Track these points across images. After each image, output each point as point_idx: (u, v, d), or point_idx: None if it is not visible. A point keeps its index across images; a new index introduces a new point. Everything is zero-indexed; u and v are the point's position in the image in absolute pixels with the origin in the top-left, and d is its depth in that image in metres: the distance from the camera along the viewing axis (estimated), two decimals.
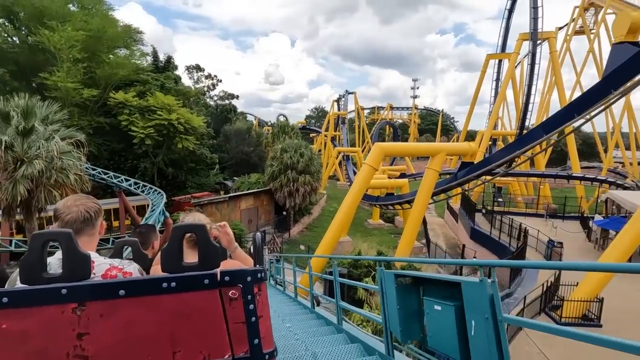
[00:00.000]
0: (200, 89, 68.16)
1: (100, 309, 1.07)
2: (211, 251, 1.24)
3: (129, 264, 1.55)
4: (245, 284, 1.18)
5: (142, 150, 25.59)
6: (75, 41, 22.88)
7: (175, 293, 1.12)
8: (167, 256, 1.23)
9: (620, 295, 13.34)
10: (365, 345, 3.64)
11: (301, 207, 26.63)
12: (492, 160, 16.38)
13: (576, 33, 49.41)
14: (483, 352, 1.94)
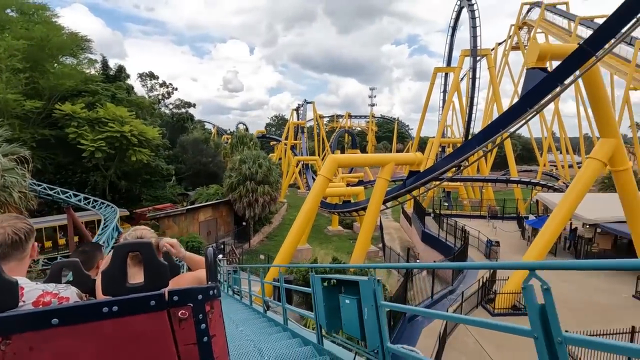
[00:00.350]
0: (154, 97, 65.97)
1: (29, 341, 0.97)
2: (158, 270, 1.18)
3: (65, 289, 1.41)
4: (195, 303, 1.13)
5: (92, 163, 24.62)
6: (16, 50, 21.73)
7: (118, 318, 1.04)
8: (108, 278, 1.16)
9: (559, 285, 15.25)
10: (303, 339, 4.26)
11: (261, 217, 26.93)
12: (435, 169, 17.92)
13: (513, 48, 54.74)
14: (371, 330, 2.71)
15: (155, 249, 1.24)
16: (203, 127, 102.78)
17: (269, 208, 26.61)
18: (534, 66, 12.84)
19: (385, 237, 32.86)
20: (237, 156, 26.79)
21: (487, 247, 20.28)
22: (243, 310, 7.76)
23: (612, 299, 15.21)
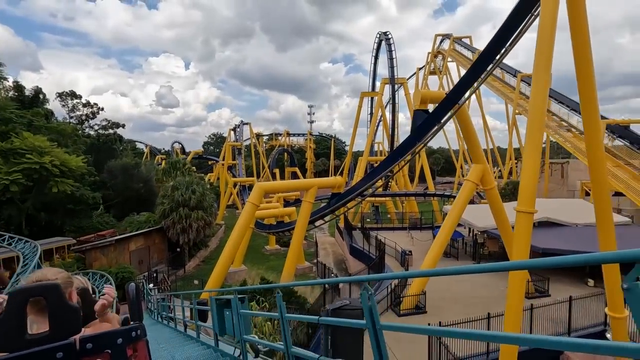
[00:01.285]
0: (77, 117, 61.80)
1: None
2: (67, 314, 1.02)
3: None
4: (115, 349, 1.01)
5: (6, 197, 23.18)
6: None
7: None
8: (3, 330, 0.97)
9: (442, 287, 18.22)
10: (208, 345, 5.72)
11: (196, 241, 27.31)
12: (352, 191, 20.39)
13: (431, 73, 61.96)
14: (230, 327, 4.41)
15: (63, 290, 1.08)
16: (134, 147, 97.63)
17: (204, 232, 27.11)
18: (418, 108, 15.85)
19: (321, 252, 34.88)
20: (170, 182, 27.02)
21: (402, 256, 23.20)
22: (169, 332, 8.88)
23: (493, 292, 18.63)
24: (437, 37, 62.26)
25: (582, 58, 10.01)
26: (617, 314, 11.71)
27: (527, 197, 9.71)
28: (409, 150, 16.21)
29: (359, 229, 30.54)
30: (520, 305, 9.94)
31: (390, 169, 17.37)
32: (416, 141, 16.01)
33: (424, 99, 15.65)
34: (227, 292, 8.61)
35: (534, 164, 9.54)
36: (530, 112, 9.89)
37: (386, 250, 25.87)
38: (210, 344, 5.91)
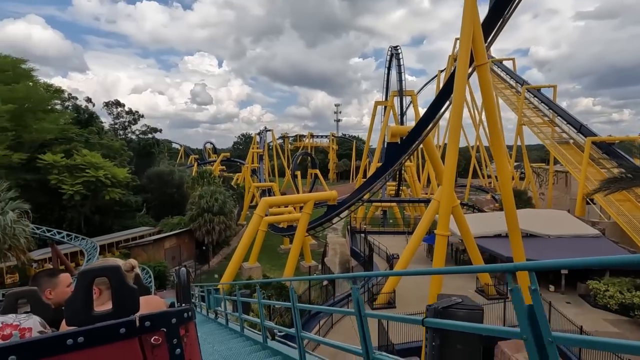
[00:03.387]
0: (120, 123, 69.39)
1: None
2: (127, 295, 1.14)
3: (26, 319, 1.36)
4: (169, 328, 1.10)
5: (70, 204, 29.05)
6: (5, 112, 26.12)
7: (85, 349, 0.98)
8: (72, 308, 1.09)
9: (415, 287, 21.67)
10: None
11: (219, 241, 32.21)
12: (344, 203, 24.19)
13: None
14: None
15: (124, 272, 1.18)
16: (170, 147, 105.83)
17: (225, 234, 31.92)
18: (390, 141, 19.43)
19: (330, 252, 38.80)
20: (197, 192, 32.04)
21: (390, 259, 26.69)
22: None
23: (461, 293, 21.81)
24: (457, 40, 63.79)
25: (491, 119, 13.25)
26: None
27: (443, 224, 13.17)
28: (384, 174, 19.80)
29: (359, 232, 34.14)
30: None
31: (369, 189, 21.02)
32: (389, 168, 19.57)
33: (394, 132, 19.18)
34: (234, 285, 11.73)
35: (447, 202, 12.95)
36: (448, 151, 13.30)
37: (379, 253, 29.48)
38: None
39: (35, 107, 30.29)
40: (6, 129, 26.60)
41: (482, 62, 13.03)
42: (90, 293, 1.12)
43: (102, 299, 1.36)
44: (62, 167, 28.33)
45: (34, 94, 30.24)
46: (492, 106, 13.20)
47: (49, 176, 28.12)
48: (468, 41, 12.55)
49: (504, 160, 13.71)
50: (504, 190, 13.71)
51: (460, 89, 12.62)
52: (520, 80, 47.90)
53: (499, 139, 13.51)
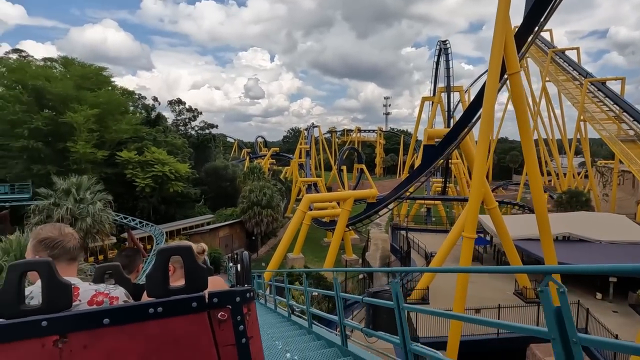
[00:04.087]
0: (182, 119, 75.74)
1: (83, 339, 1.05)
2: (198, 273, 1.23)
3: (114, 288, 1.54)
4: (234, 305, 1.19)
5: (142, 195, 33.34)
6: (92, 116, 30.69)
7: (163, 318, 1.11)
8: (152, 281, 1.22)
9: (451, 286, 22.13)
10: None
11: (266, 232, 34.87)
12: (383, 200, 25.20)
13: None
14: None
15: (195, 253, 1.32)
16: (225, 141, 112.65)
17: (272, 226, 34.47)
18: (426, 143, 20.08)
19: (371, 247, 39.92)
20: (248, 186, 34.86)
21: (428, 257, 27.16)
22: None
23: (498, 295, 21.81)
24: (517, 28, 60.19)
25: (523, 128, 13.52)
26: None
27: (470, 226, 13.81)
28: (418, 176, 20.54)
29: (400, 228, 34.77)
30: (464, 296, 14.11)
31: (406, 189, 21.84)
32: (424, 169, 20.26)
33: (430, 136, 19.80)
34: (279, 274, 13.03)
35: (474, 206, 13.55)
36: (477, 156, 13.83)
37: (419, 250, 29.98)
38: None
39: (114, 110, 34.94)
40: (92, 130, 31.24)
41: (514, 71, 13.36)
42: (167, 269, 1.23)
43: (175, 276, 1.54)
44: (135, 163, 32.59)
45: (113, 98, 34.88)
46: (524, 116, 13.48)
47: (125, 170, 32.52)
48: (500, 50, 12.96)
49: (536, 170, 13.92)
50: (536, 196, 13.96)
51: (490, 99, 13.10)
52: (583, 72, 44.40)
53: (531, 150, 13.75)
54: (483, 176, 13.53)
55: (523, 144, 13.72)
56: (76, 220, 20.62)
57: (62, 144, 30.14)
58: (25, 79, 30.15)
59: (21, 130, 28.17)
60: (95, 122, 31.47)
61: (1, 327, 1.04)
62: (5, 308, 1.09)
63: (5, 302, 1.09)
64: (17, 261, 1.17)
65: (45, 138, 29.91)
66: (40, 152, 29.42)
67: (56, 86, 29.87)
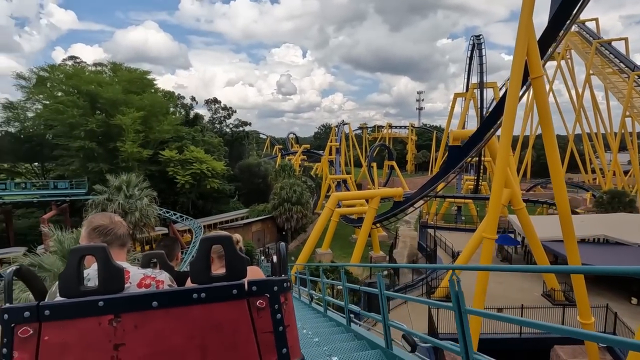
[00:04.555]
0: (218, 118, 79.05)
1: (134, 320, 1.13)
2: (238, 262, 1.29)
3: (160, 273, 1.63)
4: (272, 294, 1.23)
5: (182, 191, 35.85)
6: (138, 118, 33.40)
7: (205, 304, 1.17)
8: (196, 268, 1.27)
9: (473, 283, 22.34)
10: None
11: (296, 227, 36.31)
12: (409, 199, 25.68)
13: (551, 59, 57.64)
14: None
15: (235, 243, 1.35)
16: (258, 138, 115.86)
17: (302, 222, 35.86)
18: (452, 144, 20.37)
19: (399, 245, 40.25)
20: (279, 183, 36.42)
21: (455, 256, 27.26)
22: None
23: (526, 296, 21.68)
24: None
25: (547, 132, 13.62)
26: (586, 321, 14.87)
27: (490, 227, 14.17)
28: (444, 176, 20.89)
29: (429, 227, 34.88)
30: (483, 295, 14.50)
31: (432, 188, 22.24)
32: (450, 169, 20.58)
33: (455, 137, 20.09)
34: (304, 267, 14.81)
35: (495, 208, 13.88)
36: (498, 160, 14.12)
37: (446, 249, 30.06)
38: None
39: (157, 112, 37.68)
40: (138, 131, 34.00)
41: (537, 75, 13.52)
42: (209, 257, 1.30)
43: (215, 265, 1.62)
44: (176, 161, 35.11)
45: (157, 101, 37.61)
46: (548, 120, 13.59)
47: (167, 168, 35.13)
48: (522, 55, 13.17)
49: (560, 173, 14.00)
50: (559, 197, 14.07)
51: (512, 104, 13.35)
52: (630, 64, 41.78)
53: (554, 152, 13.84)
54: (503, 180, 13.83)
55: (546, 146, 13.86)
56: (126, 213, 22.89)
57: (113, 143, 33.11)
58: (80, 84, 33.35)
59: (78, 132, 31.29)
60: (141, 124, 34.20)
61: (64, 306, 1.14)
62: (67, 289, 1.18)
63: (67, 283, 1.18)
64: (77, 245, 1.27)
65: (98, 139, 32.99)
66: (94, 151, 32.50)
67: (107, 91, 32.77)
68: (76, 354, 1.09)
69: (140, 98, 35.75)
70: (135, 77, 38.69)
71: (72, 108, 31.01)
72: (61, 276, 1.19)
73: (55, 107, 30.38)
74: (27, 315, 1.10)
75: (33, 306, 1.11)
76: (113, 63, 40.69)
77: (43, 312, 1.10)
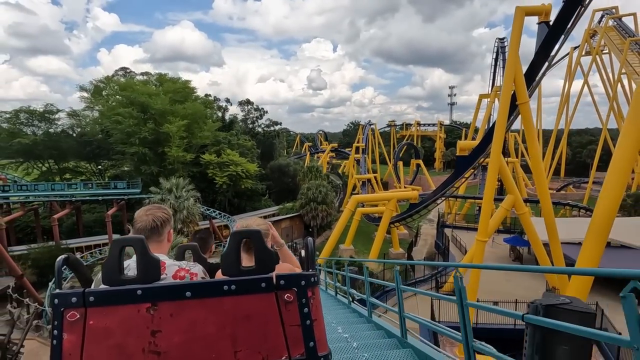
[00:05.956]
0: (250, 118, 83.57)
1: (170, 308, 1.20)
2: (267, 256, 1.33)
3: (194, 266, 1.69)
4: (299, 288, 1.28)
5: (220, 190, 40.08)
6: (183, 126, 37.82)
7: (235, 295, 1.23)
8: (227, 260, 1.33)
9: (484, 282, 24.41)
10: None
11: (322, 225, 39.59)
12: (424, 201, 28.02)
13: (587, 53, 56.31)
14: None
15: (264, 237, 1.38)
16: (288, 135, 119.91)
17: (327, 220, 39.07)
18: (459, 154, 22.58)
19: (420, 242, 42.35)
20: (306, 184, 39.76)
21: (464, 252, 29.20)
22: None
23: (528, 293, 23.35)
24: (596, 12, 56.12)
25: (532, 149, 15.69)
26: None
27: (482, 230, 16.46)
28: (453, 182, 23.13)
29: (446, 226, 36.84)
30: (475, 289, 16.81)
31: (443, 192, 24.53)
32: (458, 176, 22.80)
33: (462, 148, 22.28)
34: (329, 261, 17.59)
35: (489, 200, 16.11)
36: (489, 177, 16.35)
37: (460, 248, 32.01)
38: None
39: (199, 119, 42.06)
40: (183, 137, 38.48)
41: (523, 101, 15.66)
42: (239, 250, 1.35)
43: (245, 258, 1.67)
44: (214, 164, 39.32)
45: (198, 109, 41.98)
46: (534, 142, 15.70)
47: (207, 170, 39.45)
48: (510, 84, 15.40)
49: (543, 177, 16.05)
50: (542, 198, 16.13)
51: (501, 126, 15.59)
52: None
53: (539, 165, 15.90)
54: (492, 193, 16.08)
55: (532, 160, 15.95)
56: (175, 212, 26.99)
57: (161, 148, 37.79)
58: (133, 95, 38.19)
59: (134, 139, 36.13)
60: (185, 130, 38.64)
61: (107, 293, 1.23)
62: (109, 277, 1.27)
63: (109, 272, 1.27)
64: (118, 237, 1.35)
65: (149, 144, 37.77)
66: (146, 155, 37.29)
67: (156, 102, 37.39)
68: (117, 338, 1.18)
69: (184, 107, 40.19)
70: (179, 87, 43.31)
71: (128, 119, 35.81)
72: (104, 266, 1.29)
73: (116, 118, 35.27)
74: (75, 300, 1.19)
75: (79, 292, 1.20)
76: (159, 74, 45.63)
77: (88, 298, 1.19)
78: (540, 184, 15.91)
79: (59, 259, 1.33)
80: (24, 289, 22.62)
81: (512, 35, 15.00)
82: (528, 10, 15.15)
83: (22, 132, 38.23)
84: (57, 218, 29.22)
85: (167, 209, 1.79)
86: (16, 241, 31.49)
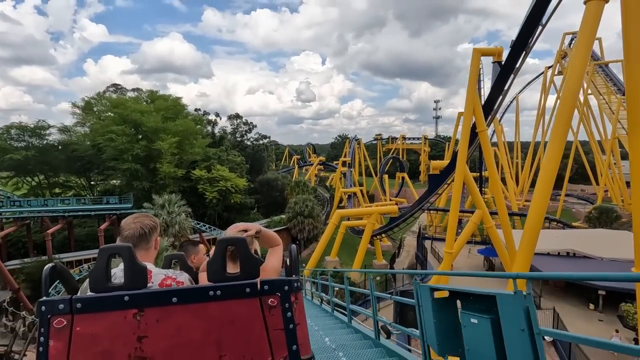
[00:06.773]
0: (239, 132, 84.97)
1: (156, 314, 1.22)
2: (251, 262, 1.37)
3: (180, 274, 1.73)
4: (283, 293, 1.31)
5: (210, 205, 41.41)
6: (174, 143, 39.24)
7: (221, 301, 1.26)
8: (212, 267, 1.37)
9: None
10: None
11: (308, 237, 41.22)
12: (403, 215, 30.02)
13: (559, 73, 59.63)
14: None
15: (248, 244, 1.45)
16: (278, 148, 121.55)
17: (313, 232, 40.78)
18: (431, 173, 24.72)
19: (403, 254, 44.22)
20: (294, 198, 41.49)
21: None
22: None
23: None
24: (566, 35, 59.51)
25: (492, 179, 17.87)
26: None
27: (448, 242, 18.42)
28: (427, 199, 25.19)
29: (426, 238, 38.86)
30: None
31: (419, 207, 26.56)
32: (431, 193, 24.87)
33: (434, 167, 24.43)
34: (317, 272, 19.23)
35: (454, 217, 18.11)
36: (454, 196, 18.40)
37: (438, 258, 33.98)
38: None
39: (190, 136, 43.54)
40: (174, 153, 39.88)
41: (482, 129, 17.88)
42: (225, 257, 1.40)
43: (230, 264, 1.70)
44: (205, 179, 40.74)
45: (189, 126, 43.50)
46: (492, 167, 17.91)
47: (197, 185, 40.83)
48: (470, 114, 17.61)
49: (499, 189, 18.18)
50: (499, 208, 18.23)
51: (463, 152, 17.75)
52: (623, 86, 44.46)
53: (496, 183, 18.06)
54: (457, 207, 18.11)
55: (490, 180, 18.08)
56: (168, 227, 28.31)
57: (153, 164, 39.04)
58: (126, 113, 39.46)
59: (126, 156, 37.36)
60: (176, 147, 40.06)
61: (94, 299, 1.24)
62: (96, 284, 1.29)
63: (96, 279, 1.29)
64: (105, 245, 1.36)
65: (141, 161, 39.01)
66: (139, 171, 38.49)
67: (149, 120, 38.81)
68: (104, 344, 1.18)
69: (175, 124, 41.65)
70: (170, 104, 44.86)
71: (122, 136, 37.09)
72: (91, 273, 1.30)
73: (109, 135, 36.51)
74: (62, 307, 1.20)
75: (66, 299, 1.21)
76: (150, 91, 47.13)
77: (75, 305, 1.21)
78: (498, 200, 18.03)
79: (47, 267, 1.39)
80: (20, 303, 23.56)
81: (471, 72, 17.27)
82: (484, 52, 17.48)
83: (13, 148, 38.96)
84: (50, 233, 30.14)
85: (154, 217, 1.84)
86: (7, 256, 32.13)
